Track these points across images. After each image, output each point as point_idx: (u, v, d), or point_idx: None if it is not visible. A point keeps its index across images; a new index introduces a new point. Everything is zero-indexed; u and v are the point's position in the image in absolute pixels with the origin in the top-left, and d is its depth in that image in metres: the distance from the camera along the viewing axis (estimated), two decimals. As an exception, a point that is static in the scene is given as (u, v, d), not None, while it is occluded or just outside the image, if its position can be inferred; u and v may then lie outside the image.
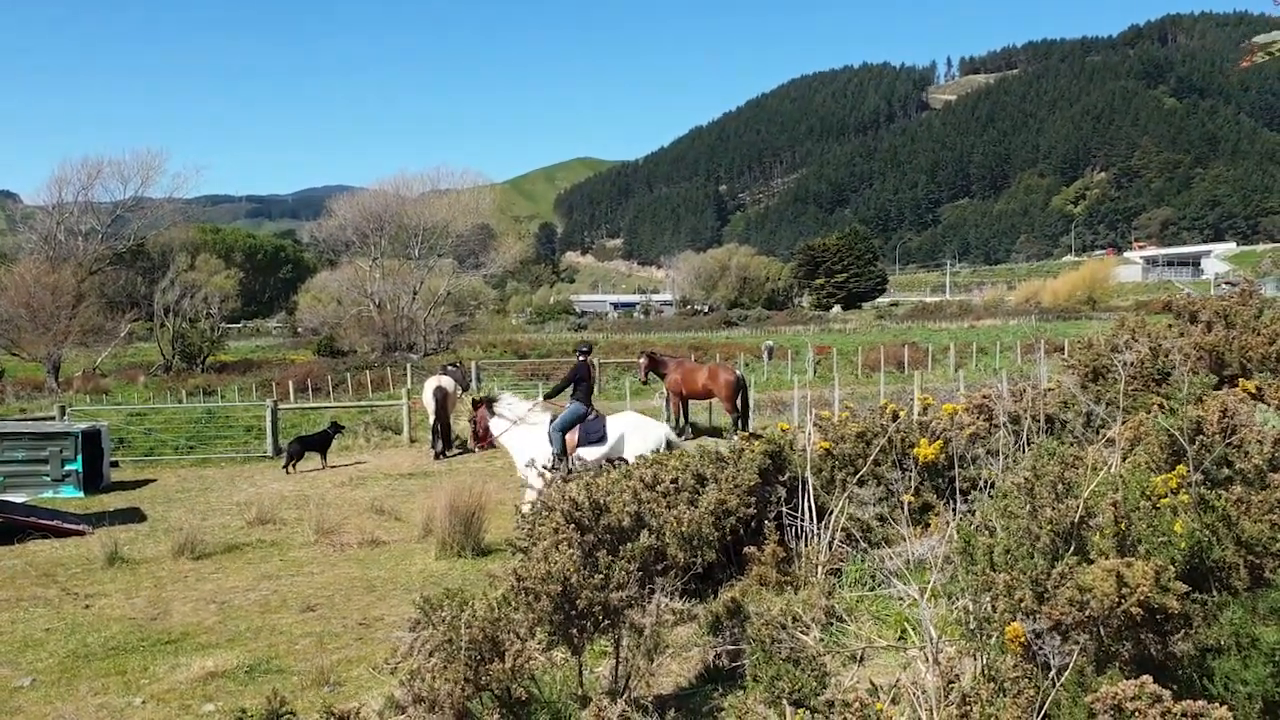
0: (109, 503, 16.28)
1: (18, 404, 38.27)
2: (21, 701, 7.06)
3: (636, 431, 12.39)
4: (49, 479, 17.46)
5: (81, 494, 17.26)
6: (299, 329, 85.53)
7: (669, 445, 12.01)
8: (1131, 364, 7.32)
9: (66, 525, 13.85)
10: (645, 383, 23.33)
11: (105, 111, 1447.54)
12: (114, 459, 19.65)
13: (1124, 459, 4.62)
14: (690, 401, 20.99)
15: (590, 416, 12.70)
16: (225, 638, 8.42)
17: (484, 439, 12.93)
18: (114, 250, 67.37)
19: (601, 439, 12.37)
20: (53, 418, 21.91)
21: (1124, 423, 5.21)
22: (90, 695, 7.10)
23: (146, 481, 18.66)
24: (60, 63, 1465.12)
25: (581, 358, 13.91)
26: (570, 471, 7.54)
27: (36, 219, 67.16)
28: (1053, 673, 3.28)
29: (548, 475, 5.80)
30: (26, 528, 13.58)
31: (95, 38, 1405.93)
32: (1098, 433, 6.52)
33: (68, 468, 17.54)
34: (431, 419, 20.03)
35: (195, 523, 12.98)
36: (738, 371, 21.10)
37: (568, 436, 12.49)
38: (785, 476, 7.05)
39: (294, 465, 18.97)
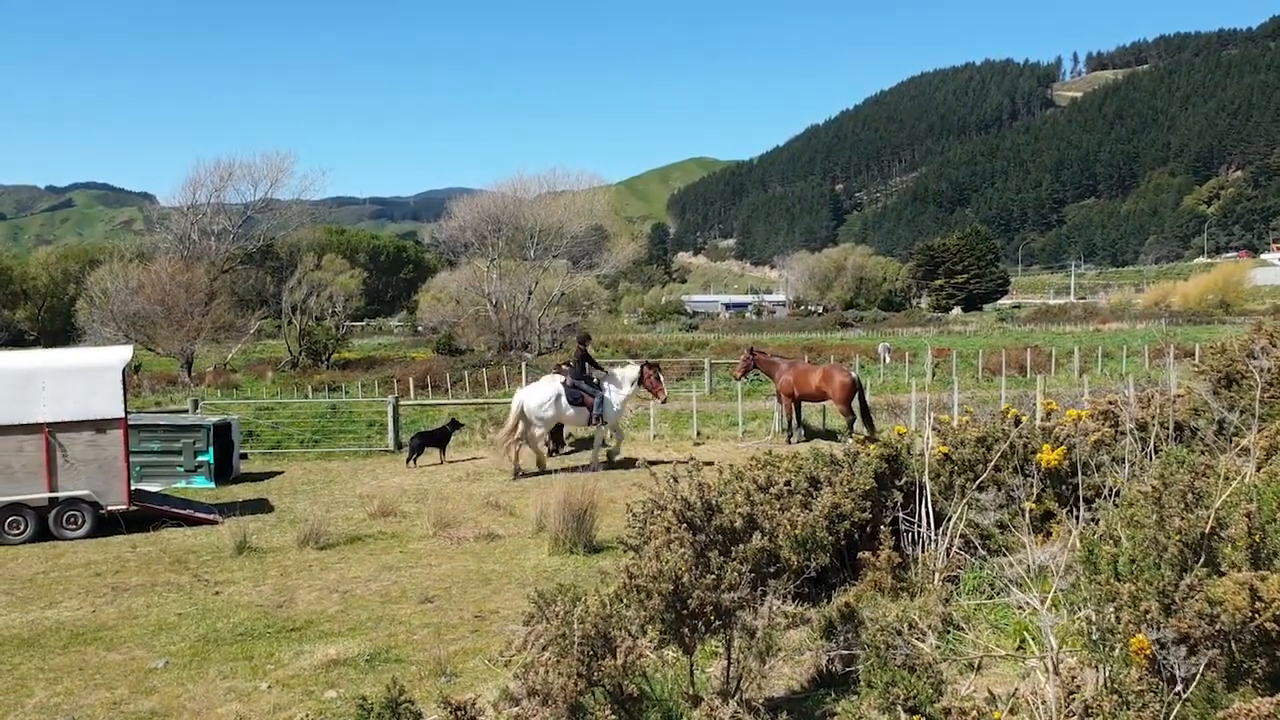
0: (238, 493, 16.91)
1: (153, 397, 39.85)
2: (156, 682, 7.38)
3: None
4: (182, 469, 18.18)
5: (212, 484, 17.93)
6: (419, 327, 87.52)
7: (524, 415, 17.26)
8: (1269, 370, 7.01)
9: (198, 514, 14.42)
10: (739, 379, 23.22)
11: (239, 112, 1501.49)
12: (243, 451, 20.32)
13: (1259, 469, 4.44)
14: (804, 403, 20.74)
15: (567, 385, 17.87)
16: (347, 626, 8.67)
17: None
18: (244, 250, 69.59)
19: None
20: (186, 411, 22.84)
21: (1259, 431, 5.00)
22: (219, 679, 7.38)
23: (274, 473, 19.29)
24: (199, 66, 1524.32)
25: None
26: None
27: (172, 219, 69.49)
28: (1179, 686, 3.17)
29: None
30: (161, 516, 14.20)
31: (226, 45, 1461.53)
32: (1230, 441, 6.26)
33: (200, 459, 18.23)
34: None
35: (320, 514, 13.35)
36: (853, 373, 20.76)
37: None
38: (902, 481, 6.94)
39: (415, 460, 19.41)
